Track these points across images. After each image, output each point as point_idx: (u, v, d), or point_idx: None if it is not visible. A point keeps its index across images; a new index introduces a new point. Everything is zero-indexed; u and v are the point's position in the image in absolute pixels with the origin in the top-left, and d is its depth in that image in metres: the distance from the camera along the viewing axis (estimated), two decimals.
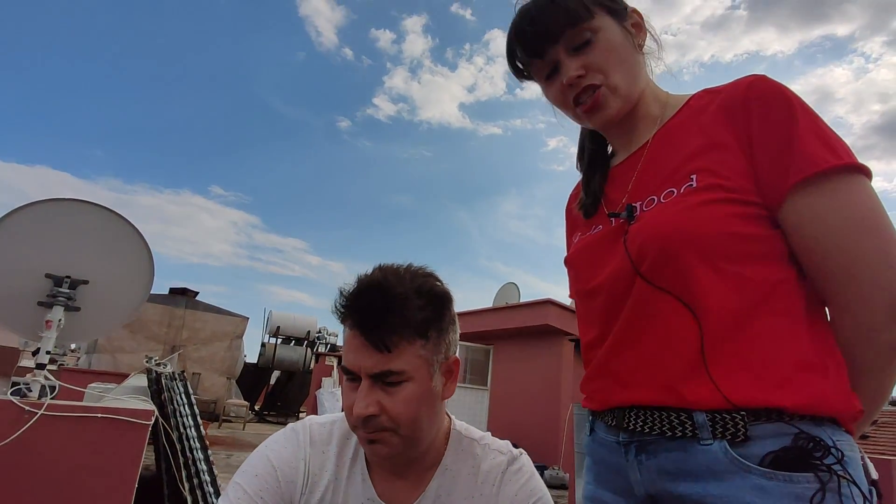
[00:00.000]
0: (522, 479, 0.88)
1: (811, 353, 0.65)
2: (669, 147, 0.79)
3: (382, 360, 0.77)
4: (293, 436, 0.90)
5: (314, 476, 0.87)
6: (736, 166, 0.70)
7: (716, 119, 0.74)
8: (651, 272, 0.70)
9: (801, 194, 0.67)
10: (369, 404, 0.76)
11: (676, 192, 0.72)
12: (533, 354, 8.89)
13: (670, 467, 0.68)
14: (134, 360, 9.13)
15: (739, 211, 0.68)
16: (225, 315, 11.82)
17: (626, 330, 0.74)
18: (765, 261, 0.68)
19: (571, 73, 0.79)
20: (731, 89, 0.74)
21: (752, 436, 0.62)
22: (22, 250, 2.45)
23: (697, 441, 0.65)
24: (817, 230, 0.67)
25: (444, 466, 0.88)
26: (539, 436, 8.03)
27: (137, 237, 2.69)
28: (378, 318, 0.77)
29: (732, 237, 0.68)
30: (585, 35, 0.78)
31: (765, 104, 0.70)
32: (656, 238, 0.70)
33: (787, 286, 0.68)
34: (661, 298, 0.70)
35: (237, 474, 0.85)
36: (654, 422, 0.70)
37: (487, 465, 0.89)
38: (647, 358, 0.71)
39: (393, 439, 0.79)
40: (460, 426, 0.94)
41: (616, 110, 0.80)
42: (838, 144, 0.68)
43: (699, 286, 0.67)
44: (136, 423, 2.43)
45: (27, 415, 2.19)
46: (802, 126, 0.67)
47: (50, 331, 2.41)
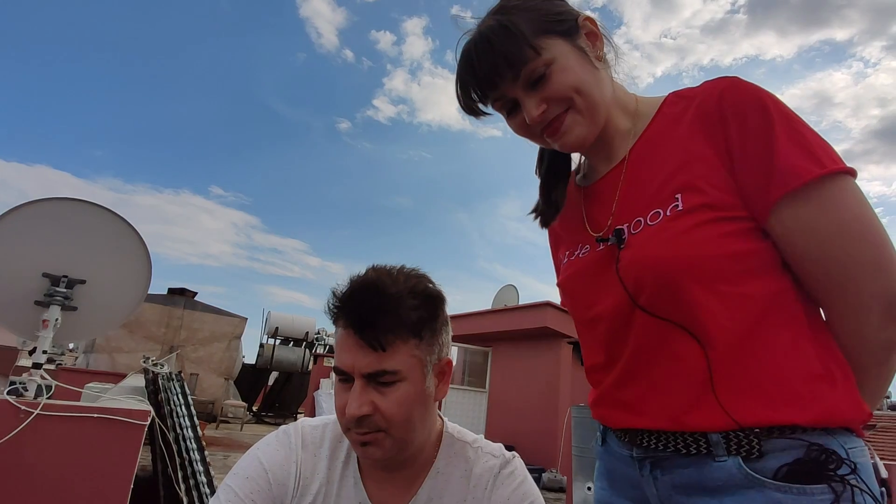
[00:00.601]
0: (515, 483, 0.87)
1: (817, 364, 0.65)
2: (650, 162, 0.77)
3: (377, 360, 0.77)
4: (285, 438, 0.89)
5: (306, 479, 0.86)
6: (718, 181, 0.69)
7: (693, 130, 0.72)
8: (651, 303, 0.70)
9: (786, 206, 0.66)
10: (363, 404, 0.76)
11: (663, 213, 0.71)
12: (531, 357, 8.87)
13: (685, 482, 0.68)
14: (132, 360, 9.11)
15: (730, 228, 0.68)
16: (223, 315, 11.81)
17: (634, 361, 0.73)
18: (761, 274, 0.68)
19: (534, 113, 0.76)
20: (705, 96, 0.72)
21: (766, 451, 0.62)
22: (19, 249, 2.44)
23: (712, 458, 0.65)
24: (806, 240, 0.66)
25: (436, 469, 0.88)
26: (537, 438, 8.02)
27: (135, 237, 2.69)
28: (373, 316, 0.77)
29: (728, 258, 0.67)
30: (538, 70, 0.74)
31: (740, 114, 0.68)
32: (652, 269, 0.69)
33: (785, 295, 0.68)
34: (665, 328, 0.69)
35: (228, 476, 0.84)
36: (668, 441, 0.70)
37: (479, 469, 0.88)
38: (657, 388, 0.71)
39: (385, 441, 0.78)
40: (452, 428, 0.93)
41: (584, 133, 0.78)
42: (820, 149, 0.66)
43: (703, 313, 0.66)
44: (132, 424, 2.42)
45: (23, 414, 2.19)
46: (781, 135, 0.66)
47: (46, 330, 2.41)
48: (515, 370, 9.04)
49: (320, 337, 15.72)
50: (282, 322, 14.68)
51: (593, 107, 0.76)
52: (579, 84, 0.75)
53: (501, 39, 0.74)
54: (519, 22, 0.74)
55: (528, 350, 8.96)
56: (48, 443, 2.24)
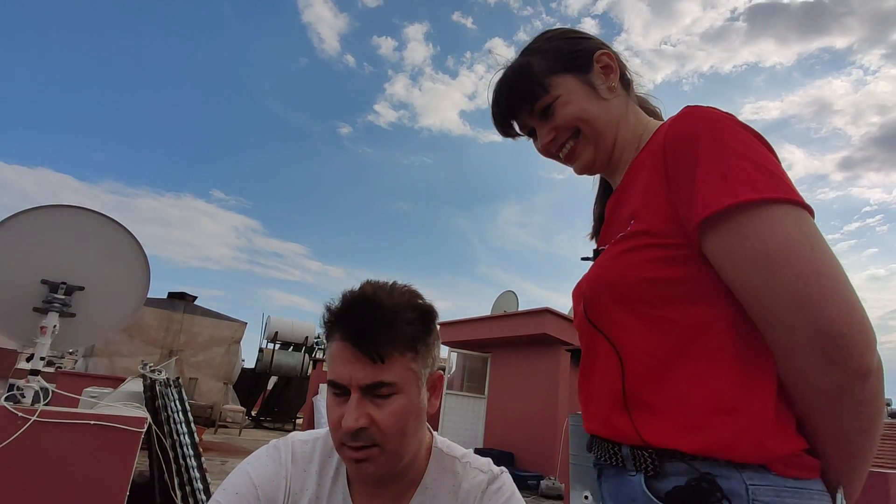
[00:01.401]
0: (502, 499, 0.88)
1: (730, 396, 0.64)
2: (628, 188, 0.81)
3: (375, 371, 0.77)
4: (275, 453, 0.90)
5: (295, 494, 0.87)
6: (658, 210, 0.71)
7: (651, 159, 0.75)
8: (592, 316, 0.77)
9: (708, 235, 0.65)
10: (360, 416, 0.76)
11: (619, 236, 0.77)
12: (530, 363, 8.86)
13: (613, 493, 0.74)
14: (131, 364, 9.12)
15: (660, 255, 0.69)
16: (223, 320, 11.81)
17: (583, 366, 0.82)
18: (691, 301, 0.68)
19: (545, 139, 0.88)
20: (664, 127, 0.75)
21: (665, 472, 0.65)
22: (18, 256, 2.46)
23: (626, 471, 0.70)
24: (726, 270, 0.65)
25: (424, 485, 0.89)
26: (536, 445, 8.00)
27: (134, 244, 2.70)
28: (372, 328, 0.78)
29: (648, 282, 0.70)
30: (546, 104, 0.85)
31: (676, 143, 0.70)
32: (590, 285, 0.78)
33: (716, 325, 0.67)
34: (600, 340, 0.76)
35: (217, 492, 0.85)
36: (602, 450, 0.76)
37: (468, 484, 0.89)
38: (594, 394, 0.78)
39: (380, 457, 0.79)
40: (441, 443, 0.94)
41: (591, 158, 0.86)
42: (742, 177, 0.63)
43: (621, 331, 0.72)
44: (129, 431, 2.43)
45: (20, 421, 2.20)
46: (702, 164, 0.66)
47: (45, 337, 2.42)
48: (514, 377, 9.02)
49: (320, 342, 15.70)
50: (281, 327, 14.68)
51: (598, 134, 0.85)
52: (581, 114, 0.84)
53: (517, 78, 0.88)
54: (534, 63, 0.86)
55: (527, 356, 8.94)
56: (45, 449, 2.25)
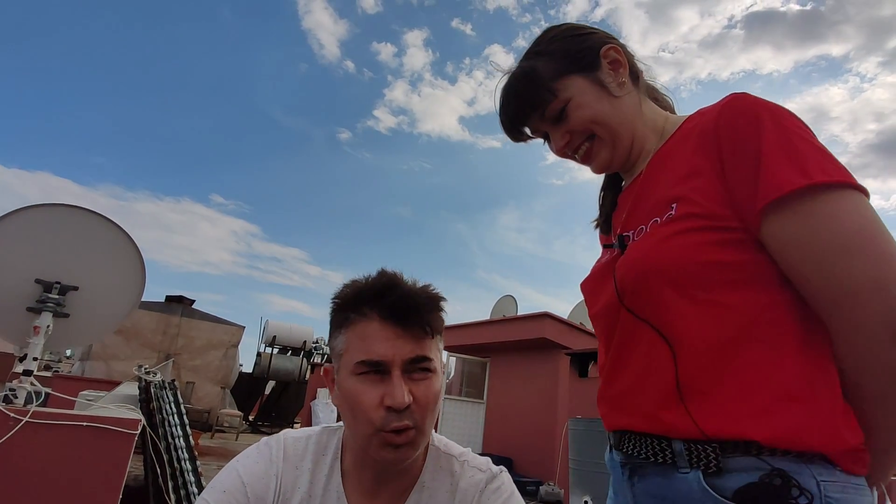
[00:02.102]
0: (501, 498, 0.86)
1: (794, 382, 0.62)
2: (658, 175, 0.79)
3: (419, 346, 0.79)
4: (266, 450, 0.87)
5: (286, 493, 0.84)
6: (712, 193, 0.69)
7: (695, 144, 0.73)
8: (632, 303, 0.72)
9: (771, 218, 0.64)
10: (407, 392, 0.76)
11: (660, 220, 0.73)
12: (529, 368, 8.82)
13: (655, 491, 0.69)
14: (128, 368, 9.06)
15: (716, 238, 0.67)
16: (221, 324, 11.76)
17: (615, 359, 0.77)
18: (748, 287, 0.66)
19: (559, 143, 0.86)
20: (710, 111, 0.73)
21: (727, 468, 0.61)
22: (12, 255, 2.43)
23: (677, 469, 0.65)
24: (794, 254, 0.64)
25: (421, 483, 0.86)
26: (535, 450, 7.95)
27: (129, 244, 2.68)
28: (420, 305, 0.80)
29: (706, 265, 0.66)
30: (557, 109, 0.82)
31: (733, 125, 0.68)
32: (632, 270, 0.72)
33: (776, 311, 0.65)
34: (642, 329, 0.71)
35: (206, 490, 0.82)
36: (642, 446, 0.70)
37: (465, 483, 0.87)
38: (632, 387, 0.73)
39: (418, 439, 0.79)
40: (439, 441, 0.92)
41: (608, 157, 0.85)
42: (812, 160, 0.63)
43: (674, 317, 0.68)
44: (122, 433, 2.40)
45: (12, 422, 2.16)
46: (770, 145, 0.64)
47: (38, 337, 2.39)
48: (513, 381, 8.98)
49: (318, 346, 15.66)
50: (280, 331, 14.63)
51: (613, 134, 0.83)
52: (595, 116, 0.82)
53: (524, 85, 0.84)
54: (539, 67, 0.83)
55: (526, 361, 8.91)
56: (37, 451, 2.21)
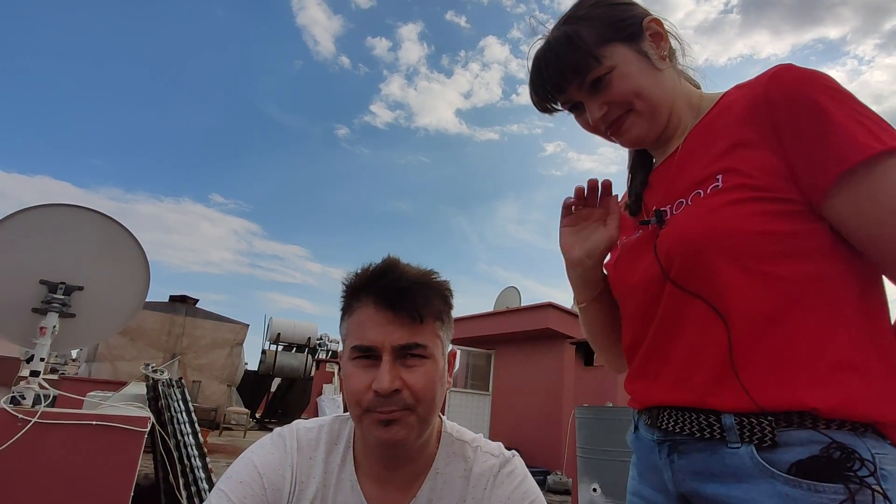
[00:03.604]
0: (515, 482, 0.85)
1: (850, 352, 0.62)
2: (698, 149, 0.78)
3: (411, 333, 0.78)
4: (280, 441, 0.87)
5: (301, 483, 0.84)
6: (763, 164, 0.67)
7: (741, 116, 0.72)
8: (680, 276, 0.71)
9: (849, 184, 0.62)
10: (394, 378, 0.76)
11: (703, 193, 0.71)
12: (534, 359, 8.84)
13: (699, 468, 0.68)
14: (134, 368, 9.10)
15: (768, 208, 0.66)
16: (225, 322, 11.80)
17: (659, 334, 0.75)
18: (802, 257, 0.65)
19: (596, 114, 0.81)
20: (756, 83, 0.72)
21: (782, 442, 0.60)
22: (17, 256, 2.43)
23: (725, 444, 0.64)
24: (872, 215, 0.62)
25: (435, 470, 0.86)
26: (541, 441, 7.97)
27: (133, 243, 2.67)
28: (410, 290, 0.79)
29: (760, 235, 0.65)
30: (600, 77, 0.79)
31: (789, 95, 0.67)
32: (682, 242, 0.70)
33: (828, 282, 0.65)
34: (691, 302, 0.70)
35: (221, 480, 0.82)
36: (685, 422, 0.69)
37: (479, 468, 0.87)
38: (680, 361, 0.71)
39: (410, 419, 0.78)
40: (451, 428, 0.92)
41: (643, 132, 0.82)
42: (879, 127, 0.63)
43: (727, 288, 0.66)
44: (132, 431, 2.40)
45: (20, 423, 2.17)
46: (837, 112, 0.63)
47: (44, 338, 2.39)
48: (518, 372, 9.00)
49: (322, 342, 15.71)
50: (284, 328, 14.67)
51: (653, 108, 0.80)
52: (638, 89, 0.79)
53: (566, 50, 0.80)
54: (583, 32, 0.79)
55: (531, 352, 8.92)
56: (47, 451, 2.22)
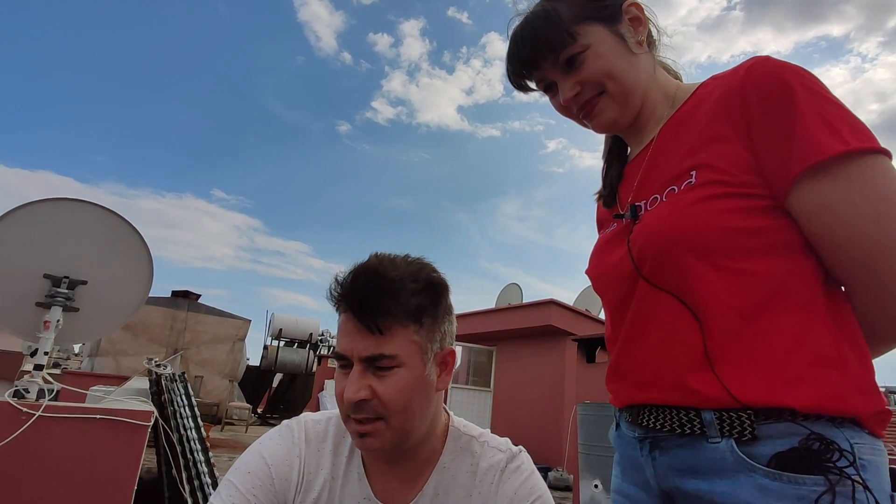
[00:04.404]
0: (522, 477, 0.85)
1: (827, 348, 0.62)
2: (672, 143, 0.77)
3: (375, 344, 0.76)
4: (288, 433, 0.87)
5: (309, 475, 0.84)
6: (736, 159, 0.67)
7: (715, 110, 0.71)
8: (652, 273, 0.71)
9: (807, 184, 0.63)
10: (360, 388, 0.75)
11: (678, 189, 0.71)
12: (536, 355, 8.85)
13: (680, 464, 0.68)
14: (136, 363, 9.12)
15: (740, 204, 0.66)
16: (227, 318, 11.82)
17: (630, 331, 0.75)
18: (773, 253, 0.66)
19: (567, 94, 0.81)
20: (731, 76, 0.72)
21: (761, 435, 0.61)
22: (20, 250, 2.43)
23: (706, 439, 0.64)
24: (829, 220, 0.63)
25: (442, 464, 0.86)
26: (543, 437, 7.99)
27: (136, 237, 2.67)
28: (371, 299, 0.76)
29: (731, 232, 0.66)
30: (574, 54, 0.78)
31: (761, 89, 0.67)
32: (653, 238, 0.70)
33: (801, 277, 0.65)
34: (662, 299, 0.70)
35: (230, 472, 0.82)
36: (665, 419, 0.69)
37: (486, 463, 0.86)
38: (653, 358, 0.71)
39: (385, 432, 0.77)
40: (458, 423, 0.91)
41: (614, 115, 0.81)
42: (846, 126, 0.63)
43: (699, 285, 0.66)
44: (136, 425, 2.41)
45: (24, 416, 2.17)
46: (803, 110, 0.63)
47: (48, 331, 2.39)
48: (520, 369, 9.01)
49: (324, 338, 15.73)
50: (286, 324, 14.70)
51: (626, 92, 0.79)
52: (612, 70, 0.78)
53: (542, 25, 0.79)
54: (561, 9, 0.79)
55: (532, 349, 8.93)
56: (51, 444, 2.23)
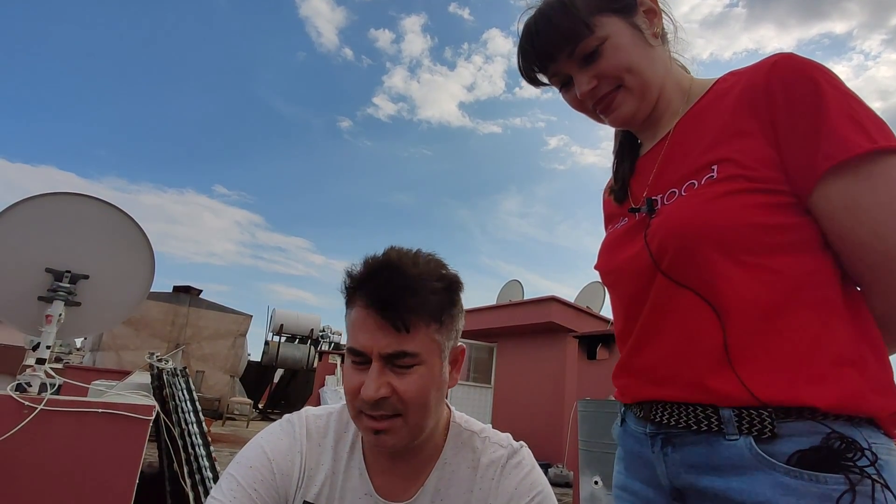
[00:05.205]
0: (522, 473, 0.85)
1: (848, 347, 0.62)
2: (691, 137, 0.76)
3: (398, 341, 0.75)
4: (289, 428, 0.87)
5: (311, 470, 0.84)
6: (759, 154, 0.67)
7: (738, 104, 0.70)
8: (672, 268, 0.69)
9: (833, 181, 0.63)
10: (381, 386, 0.74)
11: (697, 184, 0.70)
12: (537, 352, 8.85)
13: (695, 461, 0.67)
14: (138, 358, 9.15)
15: (763, 200, 0.65)
16: (228, 313, 11.84)
17: (646, 327, 0.73)
18: (795, 250, 0.65)
19: (584, 88, 0.78)
20: (754, 71, 0.70)
21: (781, 433, 0.60)
22: (22, 244, 2.43)
23: (723, 436, 0.64)
24: (852, 217, 0.63)
25: (443, 460, 0.86)
26: (543, 434, 8.00)
27: (138, 232, 2.67)
28: (397, 296, 0.75)
29: (755, 228, 0.65)
30: (591, 47, 0.76)
31: (788, 86, 0.66)
32: (675, 233, 0.69)
33: (821, 276, 0.65)
34: (682, 295, 0.68)
35: (231, 465, 0.82)
36: (680, 415, 0.68)
37: (487, 459, 0.86)
38: (670, 355, 0.70)
39: (401, 429, 0.76)
40: (460, 418, 0.91)
41: (633, 110, 0.79)
42: (872, 125, 0.63)
43: (721, 281, 0.65)
44: (137, 419, 2.41)
45: (26, 410, 2.18)
46: (831, 108, 0.63)
47: (50, 326, 2.39)
48: (521, 366, 9.01)
49: (325, 334, 15.75)
50: (287, 319, 14.72)
51: (644, 85, 0.78)
52: (630, 63, 0.76)
53: (559, 16, 0.77)
54: (576, 0, 0.77)
55: (533, 345, 8.93)
56: (53, 438, 2.23)
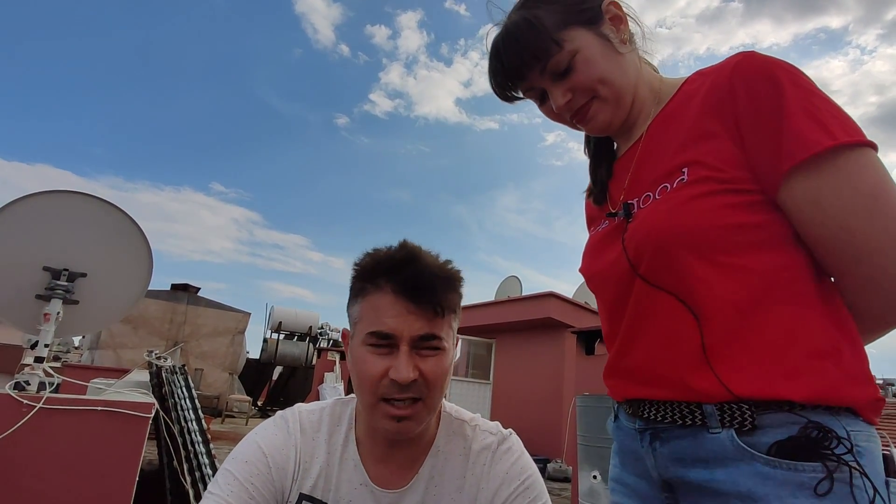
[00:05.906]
0: (512, 458, 0.88)
1: (823, 339, 0.63)
2: (661, 140, 0.77)
3: (429, 324, 0.79)
4: (283, 423, 0.89)
5: (305, 463, 0.86)
6: (727, 155, 0.68)
7: (703, 106, 0.72)
8: (649, 272, 0.71)
9: (797, 179, 0.64)
10: (413, 368, 0.77)
11: (670, 187, 0.72)
12: (535, 348, 8.87)
13: (681, 454, 0.69)
14: (136, 356, 9.15)
15: (733, 200, 0.67)
16: (227, 311, 11.84)
17: (629, 330, 0.75)
18: (767, 247, 0.67)
19: (560, 101, 0.79)
20: (719, 71, 0.72)
21: (761, 425, 0.62)
22: (19, 243, 2.43)
23: (707, 429, 0.65)
24: (817, 213, 0.64)
25: (436, 448, 0.89)
26: (542, 429, 8.03)
27: (135, 230, 2.67)
28: (433, 283, 0.79)
29: (727, 228, 0.66)
30: (564, 62, 0.77)
31: (749, 85, 0.67)
32: (650, 238, 0.70)
33: (794, 271, 0.66)
34: (660, 297, 0.70)
35: (227, 461, 0.83)
36: (666, 412, 0.70)
37: (478, 446, 0.89)
38: (653, 357, 0.72)
39: (422, 412, 0.79)
40: (450, 408, 0.94)
41: (608, 118, 0.80)
42: (834, 120, 0.64)
43: (697, 283, 0.67)
44: (136, 416, 2.42)
45: (25, 408, 2.19)
46: (792, 106, 0.64)
47: (48, 324, 2.40)
48: (519, 361, 9.04)
49: (324, 331, 15.76)
50: (285, 317, 14.72)
51: (618, 94, 0.79)
52: (602, 74, 0.77)
53: (526, 35, 0.77)
54: (542, 16, 0.77)
55: (531, 341, 8.95)
56: (52, 437, 2.24)
